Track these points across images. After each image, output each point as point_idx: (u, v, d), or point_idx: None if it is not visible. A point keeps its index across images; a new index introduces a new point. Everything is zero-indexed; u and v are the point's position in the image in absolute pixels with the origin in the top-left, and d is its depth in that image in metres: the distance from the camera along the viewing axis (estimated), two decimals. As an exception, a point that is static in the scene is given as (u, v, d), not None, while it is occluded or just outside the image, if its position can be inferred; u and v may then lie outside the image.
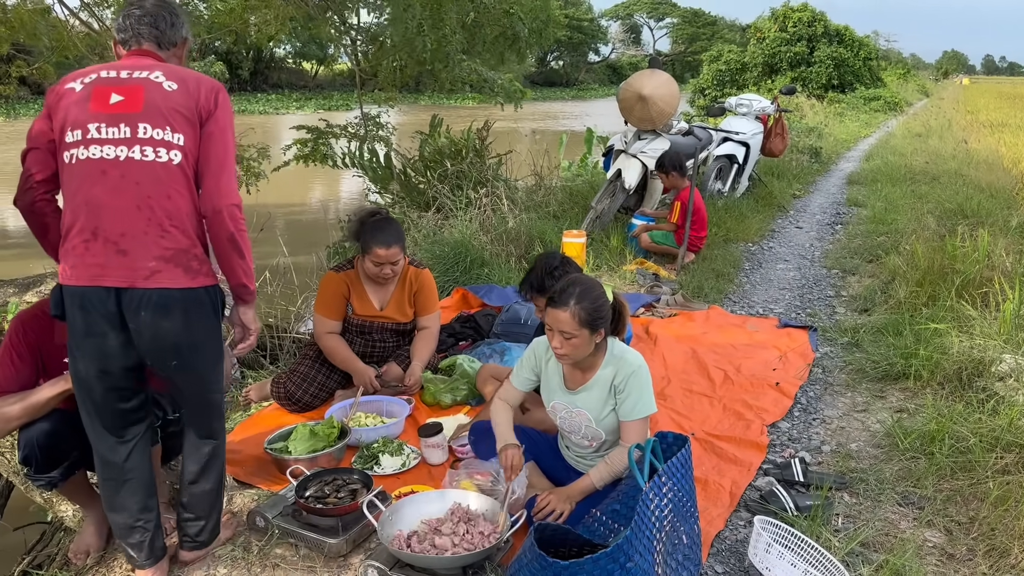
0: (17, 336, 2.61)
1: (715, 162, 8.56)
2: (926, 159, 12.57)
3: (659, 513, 2.27)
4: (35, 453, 2.52)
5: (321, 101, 35.05)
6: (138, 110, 2.23)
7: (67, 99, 2.26)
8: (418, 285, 3.99)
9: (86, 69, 2.33)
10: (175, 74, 2.32)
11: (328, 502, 2.69)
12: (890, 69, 39.29)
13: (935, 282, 5.12)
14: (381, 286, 3.93)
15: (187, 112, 2.27)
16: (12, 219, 12.40)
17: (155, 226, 2.21)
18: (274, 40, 8.49)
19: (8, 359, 2.58)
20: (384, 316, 3.95)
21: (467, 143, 8.33)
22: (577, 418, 2.77)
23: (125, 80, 2.27)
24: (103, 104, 2.23)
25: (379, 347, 4.02)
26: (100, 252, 2.19)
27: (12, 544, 3.69)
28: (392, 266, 3.78)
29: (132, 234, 2.19)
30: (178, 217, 2.25)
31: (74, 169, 2.22)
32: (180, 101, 2.27)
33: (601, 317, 2.60)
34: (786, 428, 3.72)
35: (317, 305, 3.94)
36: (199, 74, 2.39)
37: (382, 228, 3.77)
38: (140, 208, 2.20)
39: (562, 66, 60.68)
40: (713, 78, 29.16)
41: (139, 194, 2.20)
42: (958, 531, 2.81)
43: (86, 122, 2.21)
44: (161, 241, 2.22)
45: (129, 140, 2.21)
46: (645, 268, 6.17)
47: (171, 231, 2.23)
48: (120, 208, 2.19)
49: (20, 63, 7.72)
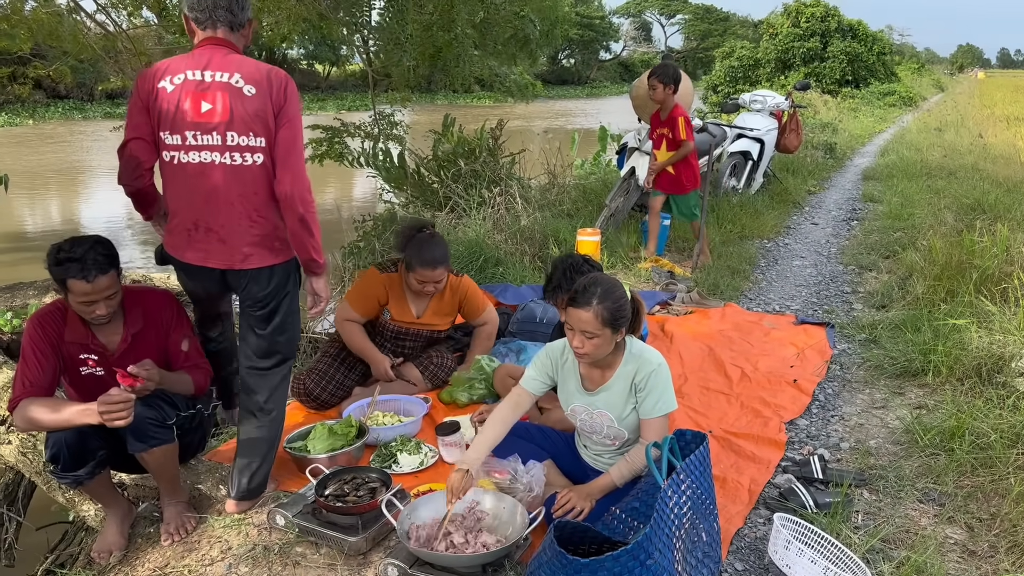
0: (37, 334, 2.68)
1: (729, 159, 8.53)
2: (942, 154, 12.48)
3: (678, 511, 2.27)
4: (63, 451, 2.57)
5: (337, 102, 35.15)
6: (226, 119, 2.59)
7: (161, 98, 2.60)
8: (463, 294, 4.04)
9: (170, 63, 2.65)
10: (251, 75, 2.62)
11: (348, 500, 2.71)
12: (904, 64, 39.06)
13: (953, 277, 5.09)
14: (421, 296, 3.96)
15: (264, 115, 2.62)
16: (32, 222, 12.52)
17: (245, 218, 2.67)
18: (287, 41, 8.53)
19: (33, 357, 2.65)
20: (420, 324, 3.98)
21: (480, 142, 8.34)
22: (599, 419, 2.76)
23: (210, 84, 2.60)
24: (196, 113, 2.59)
25: (409, 352, 4.06)
26: (203, 240, 2.69)
27: (35, 543, 3.72)
28: (436, 284, 3.81)
29: (228, 226, 2.67)
30: (263, 209, 2.69)
31: (176, 169, 2.65)
32: (258, 105, 2.61)
33: (623, 316, 2.59)
34: (804, 425, 3.71)
35: (349, 294, 3.97)
36: (270, 68, 2.68)
37: (429, 248, 3.73)
38: (233, 204, 2.65)
39: (574, 64, 60.57)
40: (725, 75, 29.01)
41: (231, 193, 2.64)
42: (979, 527, 2.80)
43: (183, 129, 2.59)
44: (251, 230, 2.69)
45: (220, 147, 2.61)
46: (660, 266, 6.16)
47: (258, 221, 2.69)
48: (217, 205, 2.65)
49: (37, 65, 7.80)
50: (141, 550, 2.80)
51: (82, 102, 31.70)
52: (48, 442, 2.61)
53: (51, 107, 30.10)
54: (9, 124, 25.71)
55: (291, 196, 2.63)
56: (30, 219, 12.79)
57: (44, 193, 14.94)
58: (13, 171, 16.13)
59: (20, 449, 3.44)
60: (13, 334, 4.36)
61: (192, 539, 2.80)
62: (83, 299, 2.58)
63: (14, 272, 7.81)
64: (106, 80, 8.05)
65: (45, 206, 13.98)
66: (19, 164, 17.46)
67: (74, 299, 2.59)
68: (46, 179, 16.16)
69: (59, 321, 2.72)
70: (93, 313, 2.64)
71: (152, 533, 2.89)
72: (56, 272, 2.56)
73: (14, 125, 25.69)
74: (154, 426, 2.63)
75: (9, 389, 3.76)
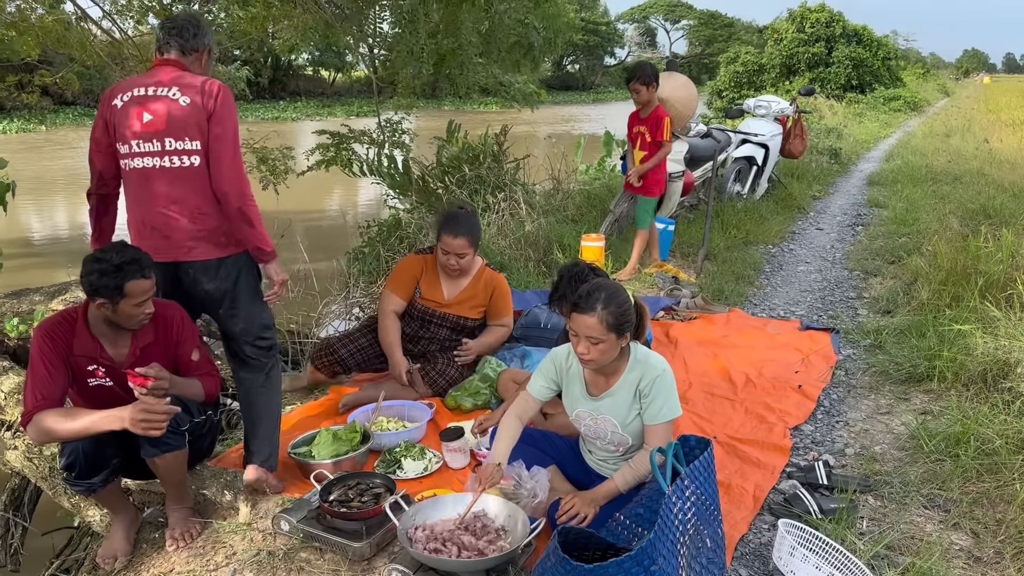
0: (46, 345, 2.67)
1: (734, 164, 8.53)
2: (947, 159, 12.46)
3: (682, 516, 2.27)
4: (80, 459, 2.58)
5: (345, 108, 35.24)
6: (163, 128, 2.81)
7: (114, 114, 2.86)
8: (497, 289, 4.12)
9: (124, 84, 2.93)
10: (187, 87, 2.85)
11: (352, 506, 2.71)
12: (909, 69, 38.97)
13: (958, 283, 5.08)
14: (454, 279, 4.03)
15: (199, 120, 2.82)
16: (38, 228, 12.57)
17: (187, 216, 2.84)
18: (295, 50, 8.59)
19: (43, 369, 2.63)
20: (449, 308, 4.05)
21: (485, 148, 8.35)
22: (603, 425, 2.76)
23: (151, 98, 2.83)
24: (139, 122, 2.82)
25: (431, 337, 4.10)
26: (149, 237, 2.87)
27: (41, 548, 3.73)
28: (458, 258, 3.90)
29: (171, 224, 2.84)
30: (204, 206, 2.86)
31: (127, 176, 2.90)
32: (191, 112, 2.82)
33: (627, 321, 2.59)
34: (809, 431, 3.70)
35: (389, 281, 4.12)
36: (206, 79, 2.91)
37: (455, 218, 3.94)
38: (174, 203, 2.84)
39: (578, 69, 60.56)
40: (730, 80, 29.01)
41: (172, 193, 2.84)
42: (985, 534, 2.79)
43: (129, 139, 2.83)
44: (193, 226, 2.85)
45: (160, 152, 2.82)
46: (665, 271, 6.16)
47: (200, 218, 2.85)
48: (160, 204, 2.84)
49: (44, 72, 7.84)
50: (146, 555, 2.81)
51: (89, 108, 31.88)
52: (64, 450, 2.61)
53: (60, 113, 30.30)
54: (23, 130, 26.03)
55: (226, 191, 2.81)
56: (37, 224, 12.85)
57: (50, 198, 15.00)
58: (24, 176, 16.23)
59: (26, 454, 3.45)
60: (19, 339, 4.37)
61: (197, 544, 2.80)
62: (141, 299, 2.64)
63: (21, 277, 7.83)
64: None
65: (51, 212, 14.04)
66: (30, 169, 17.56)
67: (129, 302, 2.62)
68: (52, 184, 16.23)
69: (68, 332, 2.72)
70: (142, 313, 2.68)
71: (157, 539, 2.90)
72: (114, 279, 2.57)
73: (27, 131, 25.99)
74: (168, 431, 2.63)
75: (16, 395, 3.79)
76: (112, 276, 2.57)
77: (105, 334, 2.74)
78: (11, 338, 4.38)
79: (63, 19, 6.82)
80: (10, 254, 4.88)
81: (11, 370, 4.10)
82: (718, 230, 7.22)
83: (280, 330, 5.10)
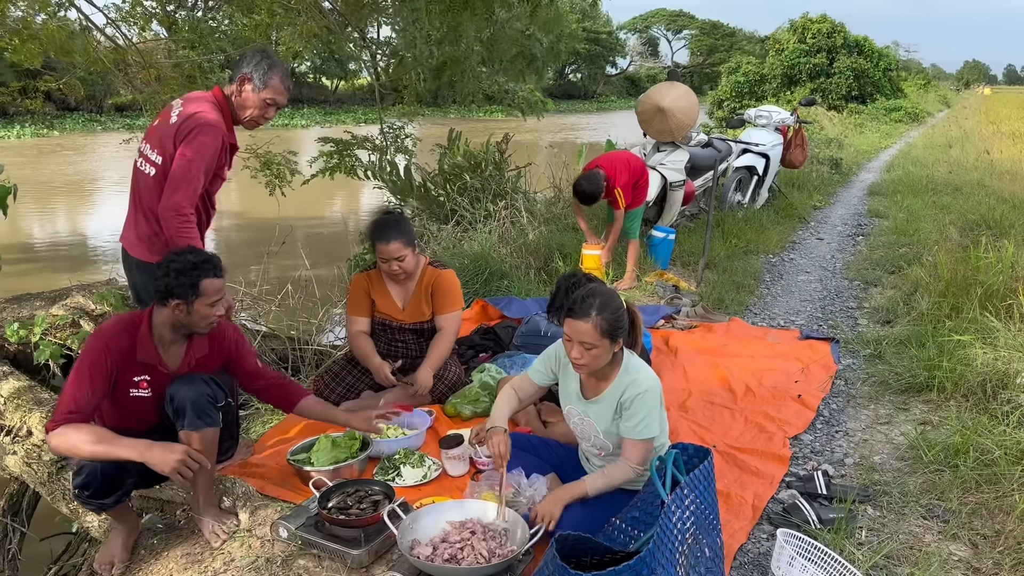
0: (102, 354, 2.64)
1: (735, 174, 8.54)
2: (948, 170, 12.48)
3: (681, 525, 2.27)
4: (96, 481, 2.57)
5: (349, 115, 35.35)
6: (151, 134, 3.22)
7: None
8: (435, 285, 3.99)
9: None
10: (185, 108, 3.16)
11: (351, 513, 2.71)
12: (910, 80, 39.03)
13: (958, 293, 5.08)
14: (401, 285, 3.99)
15: (170, 139, 3.12)
16: (39, 233, 12.59)
17: (141, 215, 3.24)
18: (298, 57, 8.62)
19: (88, 380, 2.60)
20: (404, 316, 4.01)
21: (486, 156, 8.37)
22: (588, 427, 2.82)
23: (168, 114, 3.22)
24: (151, 130, 3.25)
25: (401, 347, 4.06)
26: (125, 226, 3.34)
27: (39, 554, 3.73)
28: (398, 262, 3.81)
29: (131, 217, 3.30)
30: (149, 214, 3.20)
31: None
32: (168, 129, 3.13)
33: (620, 327, 2.62)
34: (808, 440, 3.70)
35: (347, 305, 4.08)
36: (199, 108, 3.16)
37: (384, 224, 3.83)
38: (135, 202, 3.28)
39: (580, 79, 60.70)
40: (732, 90, 29.09)
41: (136, 193, 3.27)
42: (984, 544, 2.79)
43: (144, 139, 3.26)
44: (139, 227, 3.25)
45: (141, 155, 3.24)
46: (665, 280, 6.16)
47: (142, 221, 3.24)
48: (130, 201, 3.30)
49: (48, 78, 7.87)
50: (144, 562, 2.81)
51: (92, 113, 32.03)
52: (81, 470, 2.57)
53: (67, 118, 30.51)
54: (37, 135, 26.33)
55: (163, 210, 3.08)
56: (38, 230, 12.86)
57: (52, 203, 15.02)
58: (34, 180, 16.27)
59: (25, 459, 3.45)
60: (20, 344, 4.37)
61: (195, 551, 2.80)
62: (215, 297, 2.70)
63: (21, 283, 7.84)
64: (116, 94, 8.14)
65: (52, 217, 14.05)
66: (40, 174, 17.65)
67: (204, 301, 2.66)
68: (57, 190, 16.26)
69: (130, 339, 2.70)
70: (215, 314, 2.73)
71: (155, 545, 2.90)
72: (190, 277, 2.62)
73: (40, 135, 26.28)
74: (211, 402, 2.70)
75: (16, 399, 3.79)
76: (188, 274, 2.62)
77: (164, 342, 2.76)
78: (11, 343, 4.38)
79: (67, 27, 6.85)
80: (11, 259, 4.88)
81: (11, 375, 4.10)
82: (719, 239, 7.22)
83: (280, 336, 5.10)
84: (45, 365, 4.36)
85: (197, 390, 2.69)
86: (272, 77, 3.24)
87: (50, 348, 4.22)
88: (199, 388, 2.70)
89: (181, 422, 2.69)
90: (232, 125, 3.33)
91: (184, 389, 2.70)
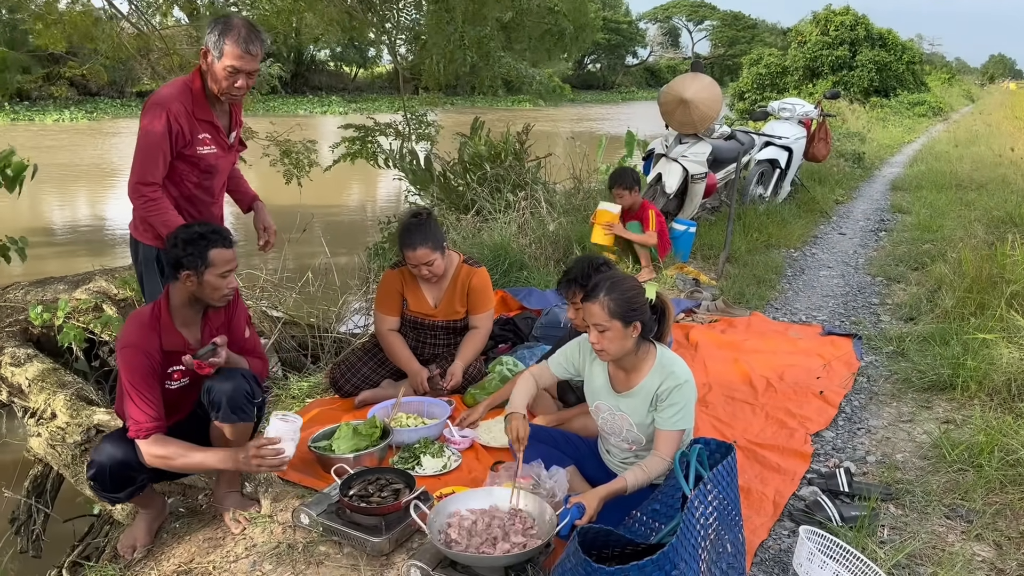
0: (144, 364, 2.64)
1: (757, 167, 8.48)
2: (972, 165, 12.32)
3: (704, 521, 2.26)
4: (105, 478, 2.61)
5: (370, 104, 35.36)
6: None
7: None
8: (470, 285, 3.98)
9: None
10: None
11: (372, 501, 2.72)
12: (934, 74, 38.53)
13: (984, 291, 5.02)
14: (435, 284, 3.97)
15: None
16: (60, 217, 12.69)
17: None
18: (319, 43, 8.66)
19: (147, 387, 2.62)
20: (437, 315, 3.99)
21: (506, 146, 8.35)
22: (620, 421, 2.78)
23: None
24: None
25: (431, 344, 4.06)
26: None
27: (62, 535, 3.77)
28: (427, 267, 3.80)
29: None
30: None
31: None
32: None
33: (633, 309, 2.60)
34: (830, 437, 3.68)
35: (376, 302, 4.04)
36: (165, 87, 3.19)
37: (409, 231, 3.79)
38: None
39: (599, 69, 60.48)
40: (753, 82, 28.81)
41: None
42: (1008, 546, 2.76)
43: None
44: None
45: None
46: (685, 273, 6.13)
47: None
48: None
49: (72, 64, 7.92)
50: (167, 545, 2.83)
51: (113, 99, 32.25)
52: (91, 464, 2.63)
53: (103, 104, 30.90)
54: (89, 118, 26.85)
55: (128, 187, 3.15)
56: (61, 213, 12.97)
57: (73, 188, 15.14)
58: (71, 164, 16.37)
59: (49, 442, 3.49)
60: (43, 328, 4.42)
61: (217, 535, 2.82)
62: (225, 268, 2.68)
63: (44, 266, 7.92)
64: (139, 81, 8.18)
65: (73, 201, 14.17)
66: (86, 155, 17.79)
67: (214, 271, 2.66)
68: (82, 174, 16.39)
69: (156, 332, 2.70)
70: (227, 286, 2.72)
71: (177, 529, 2.92)
72: (198, 247, 2.62)
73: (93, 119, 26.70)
74: (247, 399, 2.72)
75: (40, 381, 3.83)
76: (196, 244, 2.62)
77: (186, 321, 2.77)
78: (35, 326, 4.43)
79: (91, 13, 6.89)
80: (35, 243, 4.91)
81: (35, 358, 4.14)
82: (740, 233, 7.18)
83: (300, 324, 5.13)
84: (68, 348, 4.40)
85: (235, 385, 2.71)
86: (224, 43, 2.97)
87: (73, 331, 4.26)
88: (238, 383, 2.72)
89: (216, 414, 2.72)
90: (204, 101, 3.16)
91: (223, 384, 2.71)
